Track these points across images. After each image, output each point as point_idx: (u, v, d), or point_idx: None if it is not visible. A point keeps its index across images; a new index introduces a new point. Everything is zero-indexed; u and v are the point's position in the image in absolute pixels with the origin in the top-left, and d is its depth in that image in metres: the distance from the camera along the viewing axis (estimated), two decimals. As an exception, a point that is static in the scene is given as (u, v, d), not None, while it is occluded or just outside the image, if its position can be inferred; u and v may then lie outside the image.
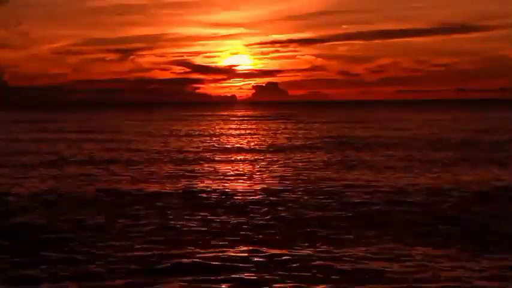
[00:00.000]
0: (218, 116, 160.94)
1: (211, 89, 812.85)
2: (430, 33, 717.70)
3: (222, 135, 74.65)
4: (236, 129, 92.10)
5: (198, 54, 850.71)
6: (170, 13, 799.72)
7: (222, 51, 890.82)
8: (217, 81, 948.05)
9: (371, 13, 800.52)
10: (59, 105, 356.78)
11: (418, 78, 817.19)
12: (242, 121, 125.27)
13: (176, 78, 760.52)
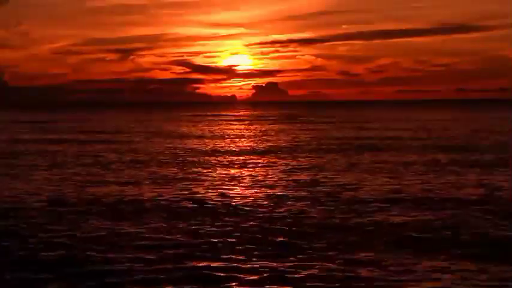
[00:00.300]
0: (218, 116, 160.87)
1: (211, 89, 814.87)
2: (430, 33, 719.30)
3: (222, 136, 74.53)
4: (236, 129, 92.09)
5: (198, 54, 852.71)
6: (170, 13, 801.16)
7: (222, 51, 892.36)
8: (217, 81, 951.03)
9: (371, 13, 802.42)
10: (59, 105, 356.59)
11: (418, 78, 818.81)
12: (242, 122, 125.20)
13: (176, 78, 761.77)
